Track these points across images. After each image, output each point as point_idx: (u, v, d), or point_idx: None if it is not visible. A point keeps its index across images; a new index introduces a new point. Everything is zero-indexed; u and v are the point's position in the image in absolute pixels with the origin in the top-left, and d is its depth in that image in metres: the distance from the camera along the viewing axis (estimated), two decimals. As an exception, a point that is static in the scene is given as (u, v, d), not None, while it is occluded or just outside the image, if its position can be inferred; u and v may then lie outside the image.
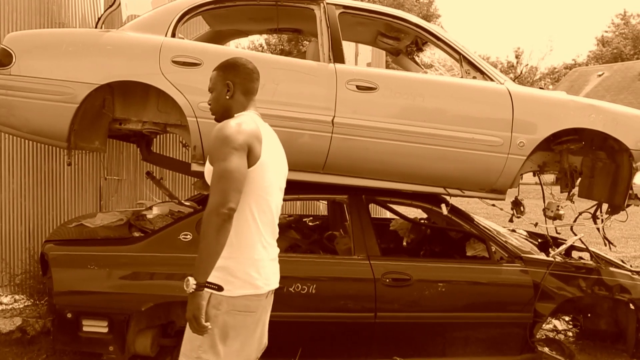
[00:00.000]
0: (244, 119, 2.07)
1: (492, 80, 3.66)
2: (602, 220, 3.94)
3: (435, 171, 3.56)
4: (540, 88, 4.08)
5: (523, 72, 39.99)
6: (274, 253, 2.18)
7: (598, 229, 3.99)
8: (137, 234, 3.47)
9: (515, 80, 34.41)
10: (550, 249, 3.94)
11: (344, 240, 3.80)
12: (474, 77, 3.66)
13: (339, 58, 3.51)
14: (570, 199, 3.88)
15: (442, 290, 3.43)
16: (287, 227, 4.13)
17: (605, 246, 4.18)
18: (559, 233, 4.20)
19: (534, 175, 4.04)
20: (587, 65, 36.23)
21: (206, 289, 1.94)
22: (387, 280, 3.38)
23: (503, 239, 3.79)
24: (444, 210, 3.65)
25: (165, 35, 3.40)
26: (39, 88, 3.24)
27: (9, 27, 4.49)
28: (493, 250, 3.62)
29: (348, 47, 4.62)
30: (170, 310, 3.30)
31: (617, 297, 3.68)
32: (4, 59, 3.26)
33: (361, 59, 6.01)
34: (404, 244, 4.35)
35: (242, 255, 2.03)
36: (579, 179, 3.99)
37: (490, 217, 6.73)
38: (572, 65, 39.42)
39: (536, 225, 4.22)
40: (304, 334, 3.37)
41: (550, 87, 35.93)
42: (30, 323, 3.90)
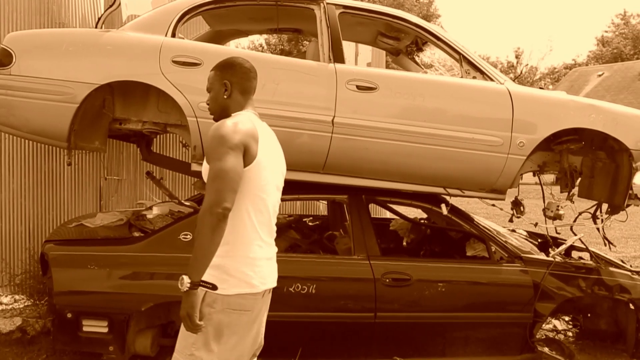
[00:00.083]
0: (241, 119, 2.07)
1: (492, 80, 3.66)
2: (602, 220, 3.94)
3: (435, 171, 3.57)
4: (540, 88, 4.08)
5: (523, 72, 39.99)
6: (271, 252, 2.17)
7: (598, 229, 3.99)
8: (137, 234, 3.48)
9: (515, 80, 34.40)
10: (550, 249, 3.94)
11: (344, 240, 3.80)
12: (474, 77, 3.66)
13: (339, 58, 3.51)
14: (570, 199, 3.88)
15: (442, 290, 3.44)
16: (287, 227, 4.13)
17: (605, 246, 4.18)
18: (558, 233, 4.20)
19: (533, 175, 4.04)
20: (587, 65, 36.22)
21: (201, 288, 1.94)
22: (387, 280, 3.38)
23: (503, 239, 3.80)
24: (444, 210, 3.65)
25: (166, 35, 3.41)
26: (39, 88, 3.24)
27: (9, 27, 4.49)
28: (493, 250, 3.62)
29: (348, 47, 4.62)
30: (170, 310, 3.29)
31: (617, 297, 3.69)
32: (4, 59, 3.26)
33: (361, 59, 6.01)
34: (404, 244, 4.35)
35: (237, 254, 2.04)
36: (579, 179, 3.99)
37: (490, 217, 6.73)
38: (572, 65, 39.42)
39: (536, 225, 4.22)
40: (304, 334, 3.37)
41: (550, 87, 35.93)
42: (30, 323, 3.89)
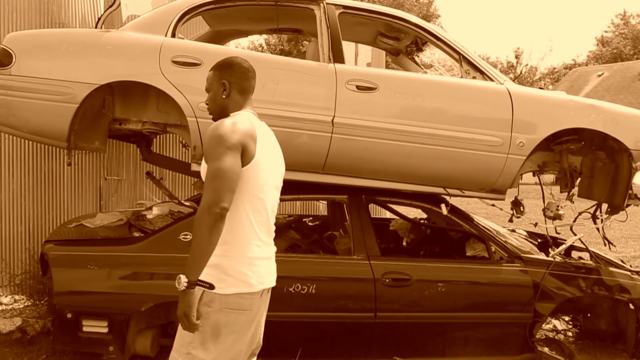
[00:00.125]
0: (239, 118, 2.08)
1: (491, 80, 3.66)
2: (601, 220, 3.94)
3: (435, 171, 3.57)
4: (540, 88, 4.09)
5: (523, 72, 40.00)
6: (269, 252, 2.17)
7: (598, 229, 3.99)
8: (137, 234, 3.48)
9: (515, 80, 34.41)
10: (550, 249, 3.94)
11: (344, 240, 3.81)
12: (474, 77, 3.67)
13: (339, 58, 3.51)
14: (570, 199, 3.88)
15: (442, 290, 3.44)
16: (287, 227, 4.13)
17: (605, 246, 4.18)
18: (558, 233, 4.20)
19: (533, 175, 4.04)
20: (586, 65, 36.23)
21: (198, 287, 1.95)
22: (387, 280, 3.38)
23: (503, 239, 3.80)
24: (444, 210, 3.65)
25: (165, 36, 3.41)
26: (39, 88, 3.24)
27: (9, 27, 4.49)
28: (493, 250, 3.62)
29: (348, 47, 4.62)
30: (170, 310, 3.29)
31: (616, 297, 3.69)
32: (4, 59, 3.26)
33: (361, 59, 6.01)
34: (404, 244, 4.35)
35: (235, 254, 2.04)
36: (579, 179, 3.99)
37: (490, 217, 6.74)
38: (571, 65, 39.42)
39: (536, 225, 4.22)
40: (304, 334, 3.37)
41: (550, 87, 35.94)
42: (30, 323, 3.90)
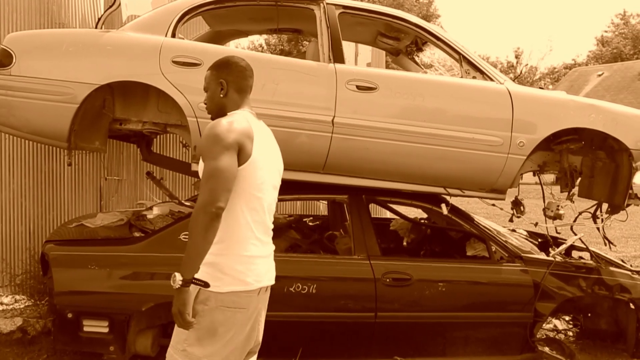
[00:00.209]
0: (236, 118, 2.08)
1: (491, 80, 3.66)
2: (602, 219, 3.94)
3: (435, 171, 3.57)
4: (540, 88, 4.09)
5: (523, 72, 40.00)
6: (266, 251, 2.17)
7: (598, 228, 3.99)
8: (137, 234, 3.48)
9: (515, 80, 34.41)
10: (550, 249, 3.94)
11: (344, 240, 3.80)
12: (474, 77, 3.67)
13: (339, 58, 3.52)
14: (570, 198, 3.88)
15: (443, 290, 3.44)
16: (287, 227, 4.13)
17: (605, 246, 4.18)
18: (559, 233, 4.20)
19: (534, 175, 4.04)
20: (586, 65, 36.23)
21: (194, 285, 1.96)
22: (388, 280, 3.38)
23: (503, 238, 3.80)
24: (444, 210, 3.65)
25: (166, 36, 3.41)
26: (39, 88, 3.24)
27: (9, 27, 4.48)
28: (493, 250, 3.62)
29: (348, 47, 4.62)
30: (170, 310, 3.29)
31: (617, 296, 3.69)
32: (4, 60, 3.26)
33: (361, 59, 6.01)
34: (404, 243, 4.35)
35: (231, 252, 2.05)
36: (579, 178, 3.99)
37: (490, 217, 6.73)
38: (571, 65, 39.42)
39: (536, 225, 4.22)
40: (305, 334, 3.37)
41: (550, 87, 35.93)
42: (30, 323, 3.90)
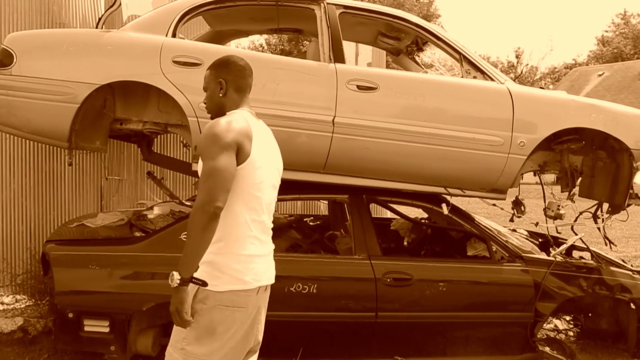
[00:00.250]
0: (235, 117, 2.08)
1: (492, 80, 3.66)
2: (602, 219, 3.94)
3: (435, 171, 3.57)
4: (541, 88, 4.09)
5: (523, 72, 39.97)
6: (265, 249, 2.17)
7: (599, 228, 3.99)
8: (138, 234, 3.48)
9: (516, 80, 34.39)
10: (551, 249, 3.94)
11: (345, 240, 3.80)
12: (475, 77, 3.67)
13: (340, 58, 3.52)
14: (571, 198, 3.88)
15: (443, 290, 3.44)
16: (288, 227, 4.13)
17: (606, 246, 4.18)
18: (559, 233, 4.20)
19: (534, 175, 4.04)
20: (587, 65, 36.20)
21: (192, 284, 1.97)
22: (388, 280, 3.38)
23: (504, 238, 3.79)
24: (445, 210, 3.65)
25: (166, 36, 3.41)
26: (40, 88, 3.24)
27: (10, 27, 4.49)
28: (494, 249, 3.62)
29: (348, 47, 4.62)
30: (171, 310, 3.29)
31: (618, 296, 3.69)
32: (5, 59, 3.26)
33: (361, 59, 6.01)
34: (405, 243, 4.36)
35: (230, 251, 2.05)
36: (580, 178, 3.99)
37: (491, 216, 6.73)
38: (572, 65, 39.39)
39: (537, 224, 4.21)
40: (305, 334, 3.37)
41: (551, 86, 35.89)
42: (31, 323, 3.90)
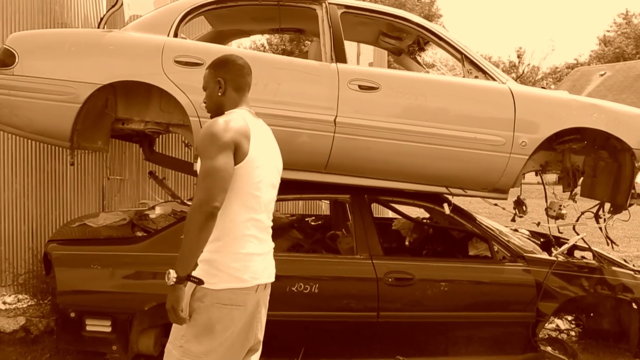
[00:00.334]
0: (233, 117, 2.09)
1: (494, 79, 3.66)
2: (604, 219, 3.93)
3: (437, 171, 3.57)
4: (543, 87, 4.09)
5: (525, 72, 39.97)
6: (264, 248, 2.17)
7: (600, 228, 3.99)
8: (139, 234, 3.48)
9: (517, 79, 34.34)
10: (552, 249, 3.94)
11: (347, 240, 3.80)
12: (476, 77, 3.67)
13: (341, 58, 3.52)
14: (573, 198, 3.88)
15: (445, 290, 3.44)
16: (289, 227, 4.13)
17: (608, 245, 4.17)
18: (561, 232, 4.20)
19: (536, 175, 4.04)
20: (589, 64, 36.17)
21: (190, 282, 1.98)
22: (390, 280, 3.38)
23: (505, 238, 3.79)
24: (447, 209, 3.65)
25: (168, 35, 3.41)
26: (42, 88, 3.25)
27: (12, 27, 4.49)
28: (495, 249, 3.62)
29: (350, 46, 4.62)
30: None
31: (619, 296, 3.68)
32: (6, 59, 3.26)
33: (363, 59, 6.01)
34: (407, 243, 4.35)
35: (227, 250, 2.05)
36: (582, 178, 3.99)
37: (493, 216, 6.73)
38: (574, 64, 39.34)
39: (538, 224, 4.21)
40: (307, 334, 3.37)
41: (552, 86, 35.87)
42: (33, 322, 3.91)
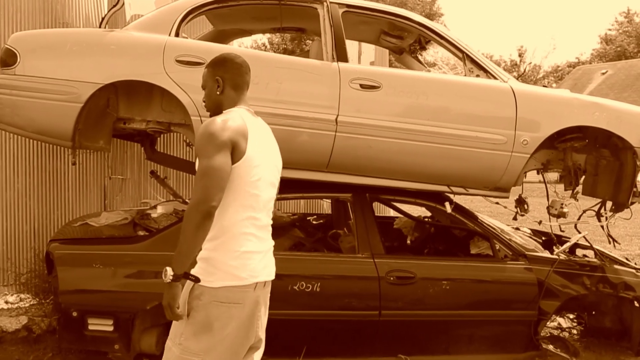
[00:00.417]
0: (231, 116, 2.09)
1: (495, 78, 3.66)
2: (606, 218, 3.93)
3: (438, 169, 3.57)
4: (544, 86, 4.08)
5: (526, 71, 39.87)
6: (263, 246, 2.17)
7: (602, 226, 3.99)
8: (141, 233, 3.49)
9: (519, 78, 34.30)
10: (554, 247, 3.94)
11: (348, 239, 3.80)
12: (478, 76, 3.66)
13: (343, 57, 3.52)
14: (574, 196, 3.88)
15: (446, 288, 3.44)
16: (291, 226, 4.13)
17: (610, 244, 4.17)
18: (563, 231, 4.20)
19: (537, 173, 4.04)
20: (590, 63, 36.11)
21: (188, 280, 1.99)
22: (392, 278, 3.38)
23: (507, 236, 3.79)
24: (448, 208, 3.65)
25: (169, 35, 3.42)
26: (44, 88, 3.25)
27: (13, 27, 4.50)
28: (497, 248, 3.62)
29: (351, 46, 4.62)
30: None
31: (621, 294, 3.68)
32: (8, 59, 3.27)
33: (364, 58, 6.00)
34: (408, 242, 4.35)
35: (226, 248, 2.06)
36: (583, 176, 3.99)
37: (494, 215, 6.73)
38: (575, 63, 39.28)
39: (540, 223, 4.21)
40: (309, 332, 3.37)
41: (554, 85, 35.84)
42: (36, 322, 3.91)
